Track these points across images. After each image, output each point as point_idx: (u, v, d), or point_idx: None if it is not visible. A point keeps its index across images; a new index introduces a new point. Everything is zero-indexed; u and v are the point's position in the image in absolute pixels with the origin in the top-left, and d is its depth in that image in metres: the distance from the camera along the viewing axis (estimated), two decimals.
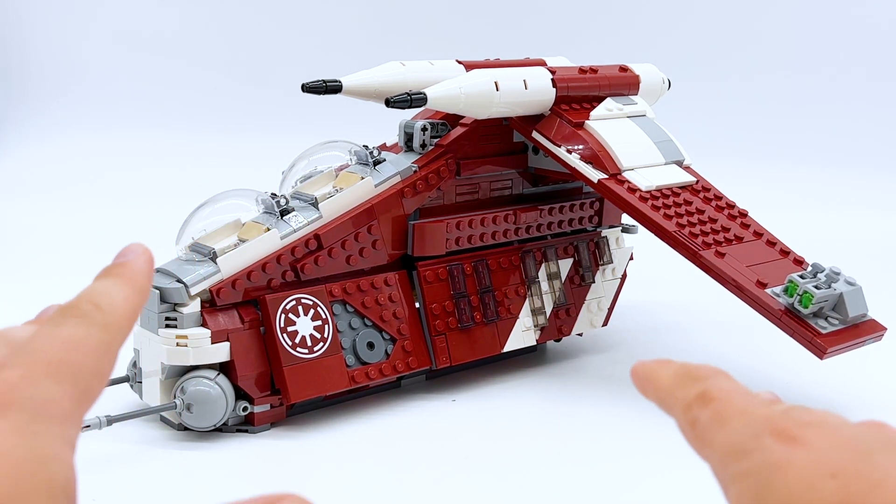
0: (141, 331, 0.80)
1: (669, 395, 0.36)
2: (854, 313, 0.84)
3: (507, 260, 0.95)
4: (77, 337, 0.31)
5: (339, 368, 0.83)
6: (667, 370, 0.37)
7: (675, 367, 0.37)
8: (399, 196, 0.88)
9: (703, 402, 0.33)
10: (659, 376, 0.37)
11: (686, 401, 0.34)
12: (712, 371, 0.35)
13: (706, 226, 0.90)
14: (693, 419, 0.34)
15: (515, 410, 0.89)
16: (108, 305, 0.32)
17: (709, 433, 0.33)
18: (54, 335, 0.30)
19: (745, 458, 0.31)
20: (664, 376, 0.36)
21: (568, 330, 0.99)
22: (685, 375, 0.36)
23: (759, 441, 0.31)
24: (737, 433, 0.32)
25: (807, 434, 0.31)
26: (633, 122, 0.97)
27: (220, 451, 0.78)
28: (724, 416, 0.33)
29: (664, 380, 0.36)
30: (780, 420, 0.32)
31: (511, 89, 0.90)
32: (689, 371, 0.36)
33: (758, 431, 0.31)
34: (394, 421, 0.85)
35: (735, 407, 0.33)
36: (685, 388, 0.35)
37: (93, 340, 0.31)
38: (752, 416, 0.32)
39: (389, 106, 0.85)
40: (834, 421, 0.32)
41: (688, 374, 0.36)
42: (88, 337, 0.31)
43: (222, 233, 0.82)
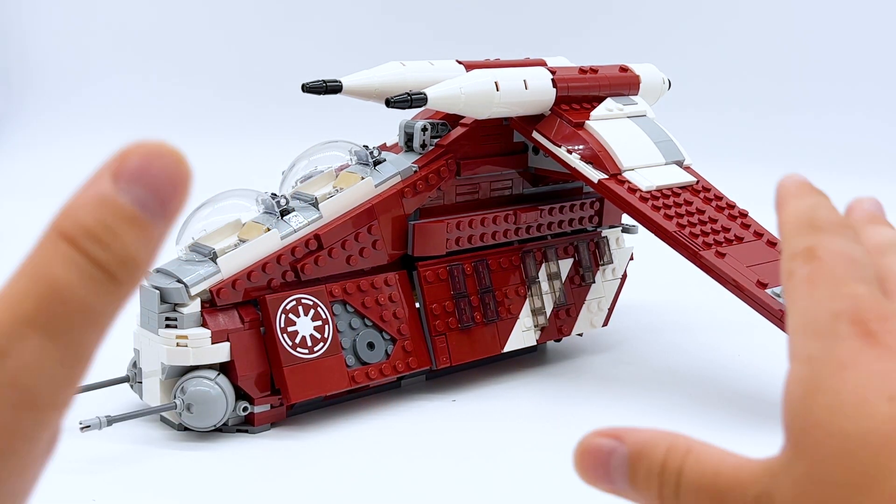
0: (141, 331, 0.80)
1: (785, 235, 0.32)
2: None
3: (507, 260, 0.95)
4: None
5: (340, 368, 0.83)
6: (796, 203, 0.33)
7: (804, 203, 0.33)
8: (399, 196, 0.88)
9: (806, 258, 0.31)
10: (787, 207, 0.33)
11: (794, 250, 0.31)
12: (836, 224, 0.32)
13: (706, 226, 0.90)
14: (791, 271, 0.31)
15: (515, 410, 0.89)
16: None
17: (797, 293, 0.30)
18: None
19: (815, 338, 0.29)
20: (790, 210, 0.33)
21: (568, 330, 0.99)
22: (807, 220, 0.32)
23: (836, 324, 0.28)
24: (818, 304, 0.29)
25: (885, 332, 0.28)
26: (633, 122, 0.97)
27: (220, 451, 0.78)
28: (815, 281, 0.30)
29: (788, 214, 0.33)
30: (866, 305, 0.29)
31: (511, 89, 0.90)
32: (813, 215, 0.32)
33: (838, 311, 0.29)
34: (394, 421, 0.85)
35: (831, 274, 0.30)
36: (799, 235, 0.32)
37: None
38: (843, 290, 0.29)
39: (389, 106, 0.85)
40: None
41: (809, 220, 0.32)
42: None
43: (222, 233, 0.82)
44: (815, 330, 0.29)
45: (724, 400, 0.91)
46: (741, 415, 0.88)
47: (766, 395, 0.93)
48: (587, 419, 0.87)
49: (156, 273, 0.80)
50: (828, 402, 0.27)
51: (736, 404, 0.90)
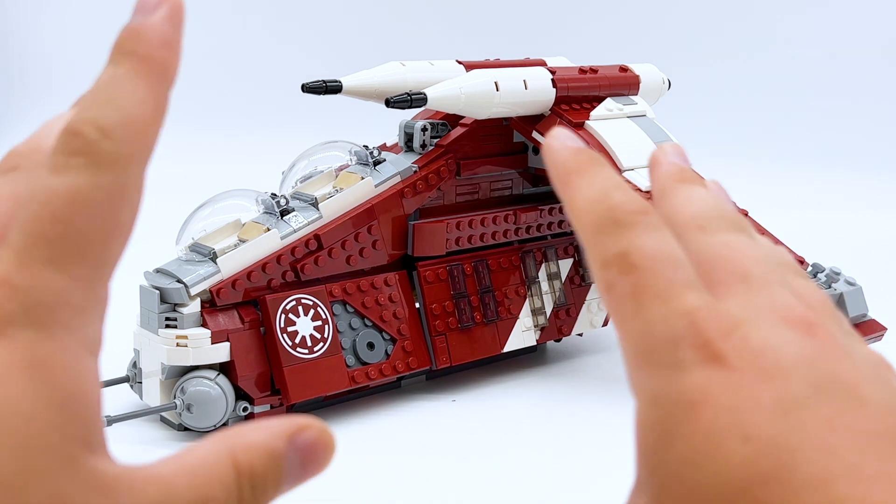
0: (141, 331, 0.80)
1: (585, 232, 0.28)
2: (854, 313, 0.84)
3: (507, 260, 0.95)
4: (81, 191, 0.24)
5: (340, 369, 0.83)
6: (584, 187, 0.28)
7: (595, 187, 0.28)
8: (399, 196, 0.88)
9: (624, 267, 0.26)
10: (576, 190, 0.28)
11: (604, 256, 0.27)
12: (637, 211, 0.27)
13: None
14: (610, 282, 0.27)
15: (515, 410, 0.89)
16: (118, 123, 0.24)
17: (623, 312, 0.26)
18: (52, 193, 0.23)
19: (656, 370, 0.25)
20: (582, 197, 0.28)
21: (568, 330, 0.99)
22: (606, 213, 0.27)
23: (677, 352, 0.25)
24: (652, 328, 0.25)
25: (733, 351, 0.25)
26: (633, 122, 0.98)
27: None
28: (642, 296, 0.26)
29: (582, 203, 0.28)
30: (703, 319, 0.25)
31: (511, 89, 0.90)
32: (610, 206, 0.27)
33: (677, 334, 0.25)
34: (394, 421, 0.85)
35: (656, 285, 0.26)
36: (606, 237, 0.27)
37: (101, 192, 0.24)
38: (674, 305, 0.25)
39: (389, 106, 0.85)
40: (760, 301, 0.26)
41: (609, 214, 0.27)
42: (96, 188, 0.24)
43: (222, 233, 0.82)
44: (656, 361, 0.25)
45: None
46: None
47: None
48: (587, 419, 0.87)
49: (156, 273, 0.80)
50: (682, 451, 0.24)
51: None
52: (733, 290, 0.27)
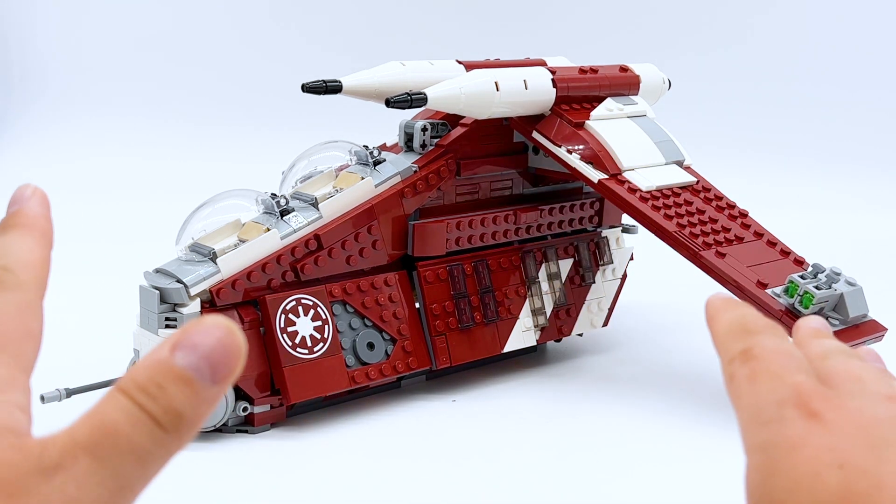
0: (141, 331, 0.80)
1: (720, 344, 0.35)
2: (855, 314, 0.84)
3: (507, 260, 0.95)
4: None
5: (339, 369, 0.83)
6: (726, 315, 0.36)
7: (734, 314, 0.36)
8: (399, 196, 0.88)
9: (744, 359, 0.33)
10: (718, 320, 0.36)
11: (731, 354, 0.34)
12: (766, 326, 0.34)
13: (706, 226, 0.90)
14: (731, 374, 0.33)
15: (515, 410, 0.89)
16: (16, 263, 0.31)
17: (740, 392, 0.32)
18: None
19: (764, 426, 0.30)
20: (722, 322, 0.36)
21: (568, 330, 0.99)
22: (739, 326, 0.35)
23: (781, 410, 0.30)
24: (762, 397, 0.31)
25: (828, 410, 0.30)
26: (633, 122, 0.97)
27: (220, 451, 0.78)
28: (756, 377, 0.32)
29: (721, 325, 0.36)
30: (806, 389, 0.31)
31: (511, 89, 0.90)
32: (744, 322, 0.35)
33: (782, 399, 0.31)
34: (394, 421, 0.85)
35: (770, 369, 0.32)
36: (734, 341, 0.34)
37: (12, 305, 0.30)
38: (782, 380, 0.31)
39: (389, 106, 0.85)
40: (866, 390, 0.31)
41: (741, 326, 0.35)
42: (7, 303, 0.30)
43: (222, 233, 0.82)
44: (763, 419, 0.30)
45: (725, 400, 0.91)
46: None
47: None
48: (587, 419, 0.87)
49: (155, 273, 0.80)
50: (785, 483, 0.29)
51: None
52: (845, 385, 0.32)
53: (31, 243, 0.32)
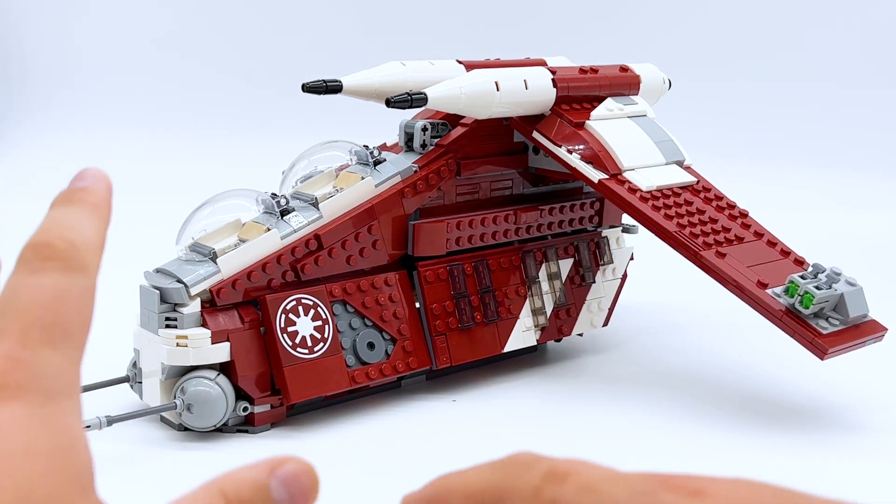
0: (141, 331, 0.80)
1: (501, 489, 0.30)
2: (855, 314, 0.84)
3: (507, 260, 0.95)
4: (62, 287, 0.29)
5: (340, 368, 0.83)
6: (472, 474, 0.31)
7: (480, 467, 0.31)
8: (399, 196, 0.88)
9: (557, 480, 0.28)
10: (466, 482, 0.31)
11: (531, 486, 0.29)
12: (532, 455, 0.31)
13: (707, 226, 0.90)
14: (552, 500, 0.28)
15: (515, 410, 0.89)
16: (82, 242, 0.30)
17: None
18: (38, 288, 0.29)
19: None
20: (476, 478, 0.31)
21: (568, 330, 0.99)
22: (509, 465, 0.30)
23: (655, 499, 0.27)
24: (620, 497, 0.27)
25: (707, 486, 0.27)
26: (633, 122, 0.97)
27: (220, 451, 0.78)
28: (592, 486, 0.28)
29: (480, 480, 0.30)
30: (665, 476, 0.28)
31: (511, 89, 0.90)
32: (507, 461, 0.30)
33: (647, 489, 0.27)
34: (394, 421, 0.85)
35: (599, 475, 0.28)
36: (521, 475, 0.29)
37: (77, 288, 0.29)
38: (628, 477, 0.28)
39: (390, 106, 0.85)
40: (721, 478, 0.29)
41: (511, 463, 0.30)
42: (73, 285, 0.29)
43: (222, 233, 0.82)
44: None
45: (725, 400, 0.91)
46: (741, 415, 0.87)
47: (766, 395, 0.93)
48: (587, 419, 0.87)
49: (156, 273, 0.80)
50: None
51: (736, 404, 0.90)
52: None
53: (98, 224, 0.31)
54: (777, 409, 0.89)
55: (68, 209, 0.31)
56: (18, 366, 0.27)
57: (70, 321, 0.28)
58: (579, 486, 0.28)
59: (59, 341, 0.28)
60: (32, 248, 0.30)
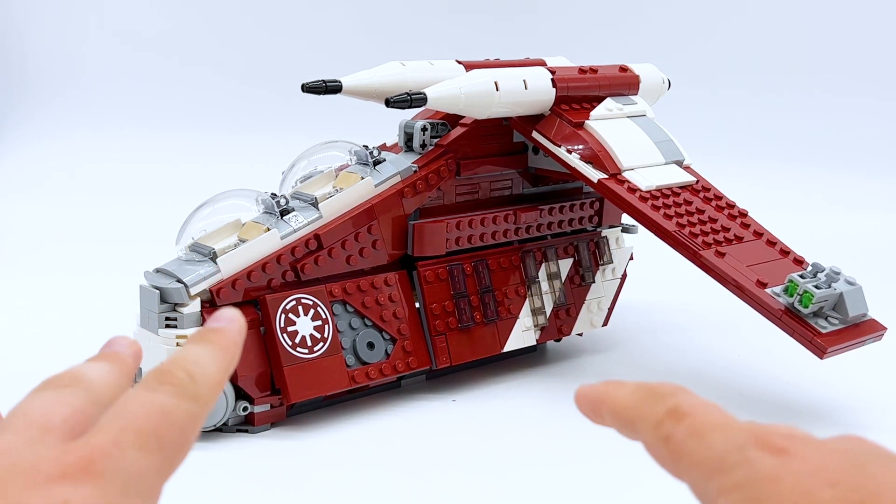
0: (141, 331, 0.80)
1: (635, 413, 0.34)
2: (854, 313, 0.84)
3: (507, 260, 0.95)
4: (169, 407, 0.31)
5: (339, 368, 0.83)
6: (624, 390, 0.35)
7: (631, 385, 0.35)
8: (399, 196, 0.88)
9: (677, 418, 0.32)
10: (616, 396, 0.35)
11: (656, 417, 0.33)
12: (675, 388, 0.34)
13: (706, 225, 0.90)
14: (666, 435, 0.32)
15: (515, 410, 0.89)
16: (201, 376, 0.33)
17: (687, 448, 0.31)
18: (147, 402, 0.31)
19: (730, 471, 0.30)
20: (623, 395, 0.35)
21: (568, 330, 0.99)
22: (647, 392, 0.34)
23: (744, 453, 0.30)
24: (718, 446, 0.31)
25: (793, 445, 0.30)
26: (633, 122, 0.97)
27: (220, 451, 0.78)
28: (701, 430, 0.32)
29: (625, 398, 0.35)
30: (762, 432, 0.31)
31: (511, 89, 0.90)
32: (650, 388, 0.34)
33: (741, 443, 0.30)
34: (394, 421, 0.85)
35: (712, 421, 0.32)
36: (652, 406, 0.33)
37: (183, 412, 0.31)
38: (732, 428, 0.31)
39: (389, 106, 0.85)
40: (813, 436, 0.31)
41: (650, 392, 0.34)
42: (179, 408, 0.31)
43: (222, 233, 0.82)
44: (728, 466, 0.30)
45: (724, 400, 0.91)
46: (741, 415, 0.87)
47: (766, 394, 0.93)
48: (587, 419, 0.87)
49: (156, 273, 0.80)
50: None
51: (736, 404, 0.90)
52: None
53: (220, 364, 0.34)
54: (776, 408, 0.90)
55: (197, 347, 0.34)
56: (105, 456, 0.28)
57: (168, 436, 0.30)
58: (691, 428, 0.32)
59: (151, 449, 0.29)
60: (155, 373, 0.32)
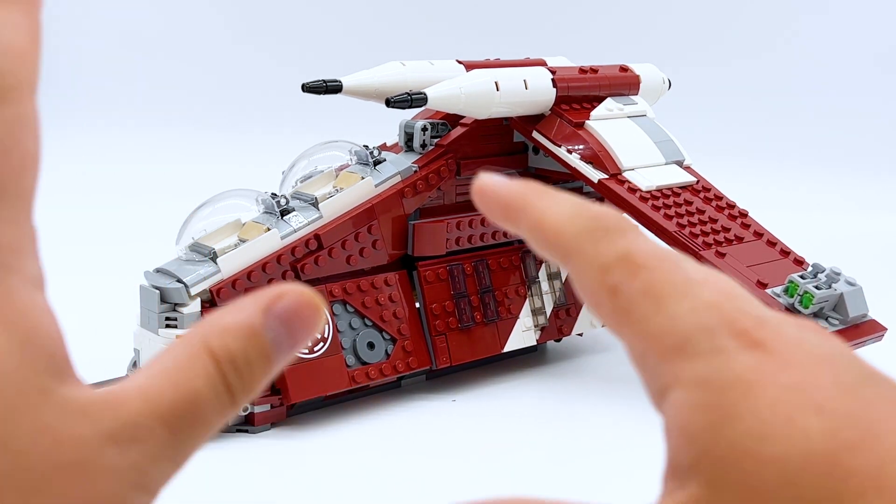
0: (141, 331, 0.80)
1: (573, 245, 0.27)
2: (854, 313, 0.84)
3: (507, 260, 0.95)
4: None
5: (340, 368, 0.83)
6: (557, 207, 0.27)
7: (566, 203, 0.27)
8: (399, 196, 0.88)
9: (629, 269, 0.26)
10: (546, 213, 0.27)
11: (602, 260, 0.26)
12: (624, 222, 0.27)
13: (706, 226, 0.90)
14: (614, 286, 0.26)
15: (515, 410, 0.89)
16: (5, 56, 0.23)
17: (640, 310, 0.25)
18: None
19: (696, 358, 0.25)
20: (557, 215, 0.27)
21: (568, 330, 0.99)
22: (591, 221, 0.27)
23: (715, 339, 0.25)
24: (682, 320, 0.25)
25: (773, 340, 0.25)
26: (633, 122, 0.97)
27: (220, 451, 0.78)
28: (660, 293, 0.25)
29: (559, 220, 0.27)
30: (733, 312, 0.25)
31: (511, 89, 0.90)
32: (594, 216, 0.27)
33: (710, 324, 0.25)
34: (394, 421, 0.85)
35: (674, 283, 0.26)
36: (597, 243, 0.26)
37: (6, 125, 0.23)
38: (699, 300, 0.25)
39: (389, 106, 0.85)
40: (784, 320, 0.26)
41: (594, 221, 0.27)
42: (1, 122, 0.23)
43: (222, 233, 0.82)
44: (693, 350, 0.25)
45: None
46: None
47: None
48: (587, 419, 0.87)
49: (156, 273, 0.80)
50: (748, 427, 0.23)
51: None
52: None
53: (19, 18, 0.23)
54: None
55: None
56: None
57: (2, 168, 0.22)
58: (647, 286, 0.26)
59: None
60: None
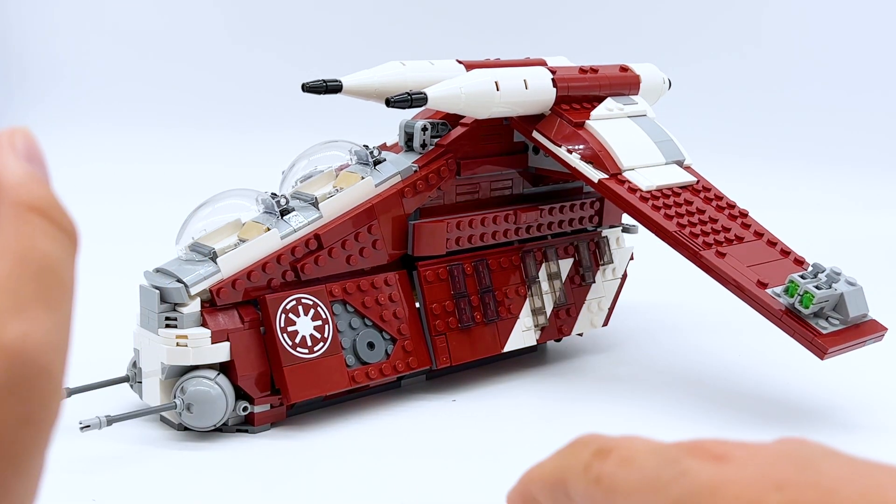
0: (141, 331, 0.80)
1: (561, 471, 0.32)
2: (855, 313, 0.84)
3: (507, 260, 0.95)
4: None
5: (340, 368, 0.83)
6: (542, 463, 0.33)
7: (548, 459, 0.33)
8: (399, 196, 0.88)
9: (602, 455, 0.30)
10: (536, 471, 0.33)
11: (582, 463, 0.31)
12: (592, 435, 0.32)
13: (707, 226, 0.90)
14: (597, 476, 0.30)
15: (515, 410, 0.89)
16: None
17: (619, 479, 0.29)
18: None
19: (667, 487, 0.28)
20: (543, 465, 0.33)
21: (568, 330, 0.99)
22: (567, 449, 0.32)
23: (679, 465, 0.28)
24: (650, 465, 0.29)
25: (731, 451, 0.28)
26: (633, 121, 0.97)
27: (220, 451, 0.78)
28: (630, 457, 0.30)
29: (546, 466, 0.33)
30: (695, 443, 0.29)
31: (511, 89, 0.90)
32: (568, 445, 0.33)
33: (673, 457, 0.28)
34: (394, 421, 0.85)
35: (639, 447, 0.30)
36: (575, 456, 0.32)
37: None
38: (662, 447, 0.29)
39: (390, 106, 0.85)
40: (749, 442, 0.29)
41: (570, 447, 0.32)
42: None
43: (222, 233, 0.82)
44: (663, 482, 0.28)
45: (724, 400, 0.91)
46: (741, 415, 0.88)
47: (766, 394, 0.93)
48: (587, 419, 0.87)
49: (156, 273, 0.80)
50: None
51: (736, 404, 0.90)
52: None
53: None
54: (777, 408, 0.89)
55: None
56: None
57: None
58: (620, 459, 0.30)
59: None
60: None
